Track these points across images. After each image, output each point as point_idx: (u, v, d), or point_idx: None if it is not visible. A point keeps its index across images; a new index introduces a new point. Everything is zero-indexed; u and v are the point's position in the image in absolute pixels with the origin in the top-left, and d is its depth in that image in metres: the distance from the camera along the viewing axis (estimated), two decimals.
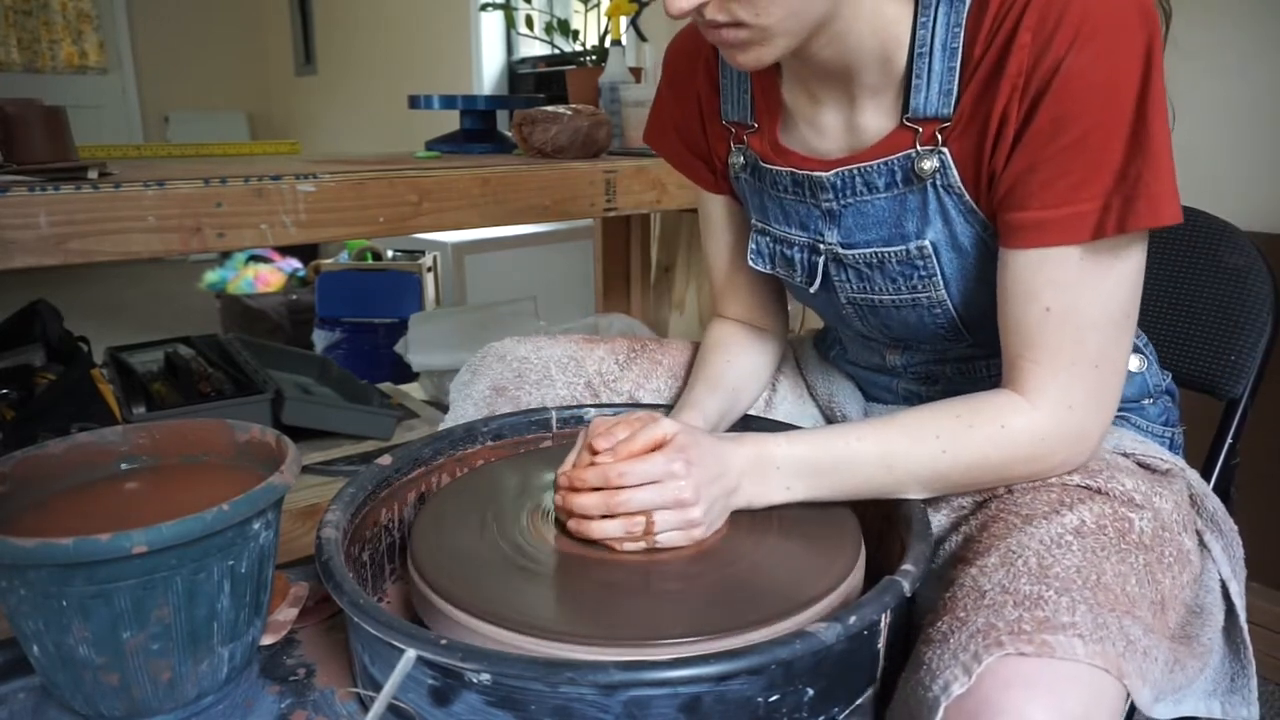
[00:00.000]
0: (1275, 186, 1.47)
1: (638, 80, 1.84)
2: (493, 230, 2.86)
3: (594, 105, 1.74)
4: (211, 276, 3.42)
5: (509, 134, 1.67)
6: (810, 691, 0.55)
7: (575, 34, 2.09)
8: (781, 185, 0.77)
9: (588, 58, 2.04)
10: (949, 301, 0.72)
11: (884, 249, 0.72)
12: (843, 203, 0.73)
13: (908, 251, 0.71)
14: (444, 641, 0.53)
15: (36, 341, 1.58)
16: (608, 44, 1.87)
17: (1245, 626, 0.69)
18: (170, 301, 4.32)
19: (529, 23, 2.11)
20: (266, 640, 0.69)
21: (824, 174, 0.72)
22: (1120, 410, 0.77)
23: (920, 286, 0.72)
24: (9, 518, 0.62)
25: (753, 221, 0.84)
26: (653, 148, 0.93)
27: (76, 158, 1.11)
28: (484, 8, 2.35)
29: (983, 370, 0.79)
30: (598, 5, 2.09)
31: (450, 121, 1.82)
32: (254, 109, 5.58)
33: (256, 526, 0.61)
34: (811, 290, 0.79)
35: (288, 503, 0.68)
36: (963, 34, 0.64)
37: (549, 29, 2.10)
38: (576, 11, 2.22)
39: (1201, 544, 0.72)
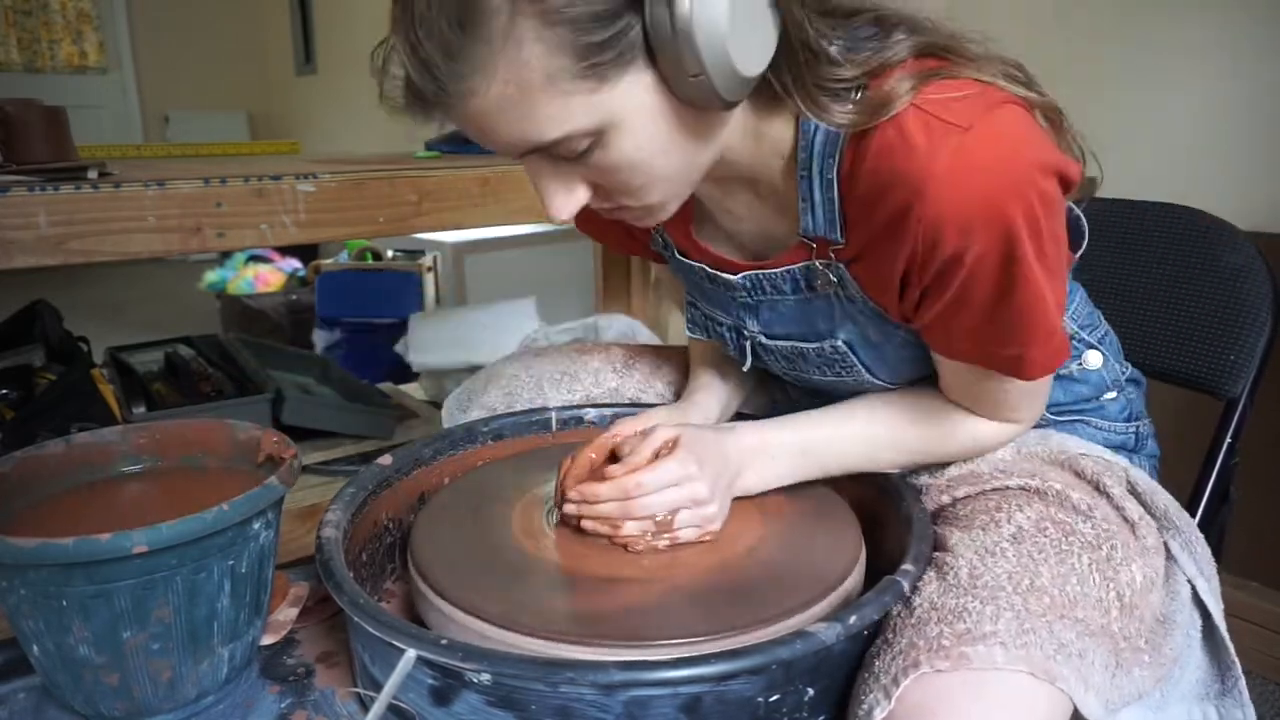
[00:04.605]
0: (1275, 186, 1.46)
1: None
2: (493, 230, 2.86)
3: None
4: (211, 276, 3.42)
5: None
6: (810, 691, 0.55)
7: None
8: (698, 275, 0.77)
9: None
10: (876, 380, 0.73)
11: (801, 344, 0.73)
12: (756, 299, 0.73)
13: (822, 349, 0.72)
14: (444, 641, 0.53)
15: (36, 341, 1.58)
16: None
17: (1223, 626, 0.68)
18: (170, 301, 4.31)
19: None
20: (266, 640, 0.69)
21: (733, 276, 0.73)
22: (1079, 411, 0.78)
23: (845, 373, 0.74)
24: (9, 518, 0.62)
25: (685, 294, 0.84)
26: (582, 230, 0.91)
27: (76, 158, 1.11)
28: None
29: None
30: None
31: None
32: (254, 109, 5.57)
33: (256, 526, 0.61)
34: (745, 368, 0.80)
35: (288, 503, 0.68)
36: (836, 168, 0.62)
37: None
38: None
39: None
